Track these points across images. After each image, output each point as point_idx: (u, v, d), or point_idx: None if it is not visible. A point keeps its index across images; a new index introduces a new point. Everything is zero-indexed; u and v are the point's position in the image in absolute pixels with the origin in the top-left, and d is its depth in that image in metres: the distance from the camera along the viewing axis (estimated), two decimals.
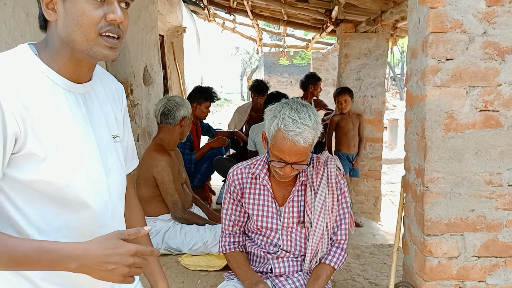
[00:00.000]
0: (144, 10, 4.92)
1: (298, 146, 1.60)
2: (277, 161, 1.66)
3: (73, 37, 1.01)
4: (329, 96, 12.03)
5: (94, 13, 1.00)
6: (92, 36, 1.01)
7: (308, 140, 1.61)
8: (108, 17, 1.01)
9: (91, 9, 1.00)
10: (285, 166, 1.66)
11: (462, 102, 1.70)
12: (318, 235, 1.78)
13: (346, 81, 4.99)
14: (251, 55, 35.58)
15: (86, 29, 1.00)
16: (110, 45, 1.03)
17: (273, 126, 1.64)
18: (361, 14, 4.67)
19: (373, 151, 5.09)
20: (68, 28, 1.01)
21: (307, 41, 8.29)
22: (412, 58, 1.89)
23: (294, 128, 1.58)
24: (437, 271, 1.76)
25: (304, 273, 1.85)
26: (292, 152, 1.62)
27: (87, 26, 1.00)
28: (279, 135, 1.62)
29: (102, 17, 1.01)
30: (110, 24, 1.02)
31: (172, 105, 2.95)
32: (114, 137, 1.20)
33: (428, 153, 1.71)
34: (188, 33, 7.68)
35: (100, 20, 1.01)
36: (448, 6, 1.66)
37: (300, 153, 1.63)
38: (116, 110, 1.24)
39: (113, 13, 1.01)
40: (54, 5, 1.02)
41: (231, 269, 1.90)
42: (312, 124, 1.62)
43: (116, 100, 1.25)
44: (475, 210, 1.74)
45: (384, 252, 3.10)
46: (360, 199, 5.12)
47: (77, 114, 1.07)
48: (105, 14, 1.01)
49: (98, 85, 1.19)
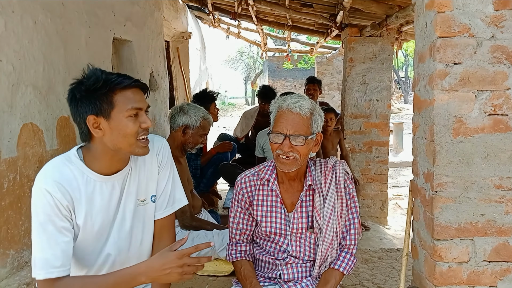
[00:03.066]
0: (150, 16, 4.95)
1: (294, 113, 1.67)
2: (276, 133, 1.70)
3: (119, 146, 1.42)
4: (334, 100, 12.05)
5: (134, 126, 1.41)
6: (133, 141, 1.42)
7: (304, 109, 1.69)
8: (143, 126, 1.43)
9: (131, 124, 1.40)
10: (283, 143, 1.68)
11: (471, 106, 1.70)
12: (328, 240, 1.77)
13: (351, 85, 4.99)
14: (255, 60, 35.65)
15: (129, 138, 1.41)
16: (145, 145, 1.46)
17: (275, 109, 1.76)
18: (366, 18, 4.68)
19: (379, 155, 5.08)
20: (114, 140, 1.41)
21: (312, 45, 8.30)
22: (419, 62, 1.89)
23: (291, 99, 1.71)
24: (447, 276, 1.75)
25: (312, 279, 1.84)
26: (288, 121, 1.68)
27: (130, 136, 1.41)
28: (278, 113, 1.73)
29: (138, 127, 1.42)
30: (143, 130, 1.44)
31: (175, 110, 2.91)
32: (141, 202, 1.58)
33: (437, 157, 1.71)
34: (193, 39, 7.70)
35: (137, 129, 1.42)
36: (456, 10, 1.66)
37: (297, 123, 1.68)
38: (154, 170, 1.61)
39: (145, 123, 1.43)
40: (98, 125, 1.40)
41: (237, 278, 1.89)
42: (311, 102, 1.74)
43: (154, 161, 1.61)
44: (485, 215, 1.73)
45: (392, 257, 3.09)
46: (366, 203, 5.11)
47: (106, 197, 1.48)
48: (140, 124, 1.42)
49: (140, 161, 1.57)
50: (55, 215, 1.37)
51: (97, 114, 1.39)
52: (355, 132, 5.08)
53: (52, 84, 2.93)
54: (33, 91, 2.72)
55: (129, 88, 1.42)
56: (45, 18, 2.87)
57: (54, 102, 2.95)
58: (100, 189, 1.47)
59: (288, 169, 1.73)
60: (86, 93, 1.40)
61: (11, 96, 2.51)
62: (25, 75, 2.65)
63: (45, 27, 2.87)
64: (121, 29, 4.17)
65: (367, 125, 5.02)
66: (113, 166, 1.49)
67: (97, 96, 1.39)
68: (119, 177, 1.51)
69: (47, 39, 2.87)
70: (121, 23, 4.18)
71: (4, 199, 2.43)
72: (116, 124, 1.39)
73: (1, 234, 2.40)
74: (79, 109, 1.41)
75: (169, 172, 1.66)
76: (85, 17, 3.46)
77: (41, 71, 2.81)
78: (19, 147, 2.56)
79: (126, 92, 1.41)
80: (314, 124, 1.73)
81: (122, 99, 1.40)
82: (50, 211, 1.37)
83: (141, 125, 1.42)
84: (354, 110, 5.04)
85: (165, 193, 1.65)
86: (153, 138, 1.63)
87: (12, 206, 2.49)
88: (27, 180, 2.63)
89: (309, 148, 1.74)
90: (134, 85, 1.43)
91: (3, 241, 2.41)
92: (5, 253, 2.43)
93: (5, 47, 2.48)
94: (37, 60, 2.77)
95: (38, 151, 2.74)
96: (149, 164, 1.59)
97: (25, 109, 2.63)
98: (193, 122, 2.91)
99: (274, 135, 1.71)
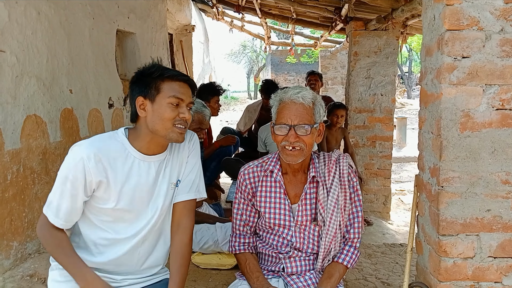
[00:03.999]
0: (154, 9, 4.92)
1: (298, 104, 1.69)
2: (280, 125, 1.70)
3: (156, 128, 1.56)
4: (337, 94, 11.99)
5: (172, 113, 1.55)
6: (169, 126, 1.56)
7: (307, 99, 1.71)
8: (181, 116, 1.57)
9: (169, 110, 1.55)
10: (288, 133, 1.69)
11: (479, 101, 1.68)
12: (331, 233, 1.77)
13: (356, 79, 4.96)
14: (258, 54, 35.54)
15: (166, 123, 1.56)
16: (180, 131, 1.59)
17: (276, 102, 1.77)
18: (371, 12, 4.64)
19: (383, 150, 5.06)
20: (153, 122, 1.56)
21: (315, 39, 8.25)
22: (427, 56, 1.87)
23: (292, 90, 1.73)
24: (452, 271, 1.74)
25: (316, 272, 1.83)
26: (292, 111, 1.69)
27: (167, 120, 1.55)
28: (280, 105, 1.74)
29: (176, 115, 1.56)
30: (181, 120, 1.58)
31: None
32: (172, 186, 1.70)
33: (443, 152, 1.69)
34: (197, 32, 7.67)
35: (175, 117, 1.56)
36: (465, 3, 1.64)
37: (301, 114, 1.69)
38: (185, 157, 1.74)
39: (184, 114, 1.58)
40: (144, 106, 1.57)
41: (241, 272, 1.89)
42: (312, 92, 1.75)
43: (186, 148, 1.75)
44: (491, 210, 1.72)
45: (396, 252, 3.08)
46: (369, 198, 5.10)
47: (143, 175, 1.62)
48: (178, 113, 1.57)
49: (176, 147, 1.72)
50: (74, 179, 1.50)
51: (145, 96, 1.56)
52: (359, 127, 5.06)
53: (55, 75, 2.92)
54: (36, 83, 2.71)
55: (177, 80, 1.58)
56: (49, 9, 2.85)
57: (57, 94, 2.94)
58: (138, 166, 1.61)
59: (294, 160, 1.73)
60: (142, 76, 1.58)
61: (15, 88, 2.51)
62: (29, 66, 2.64)
63: (49, 18, 2.85)
64: (124, 21, 4.16)
65: (371, 120, 5.00)
66: (150, 149, 1.62)
67: (148, 80, 1.56)
68: (156, 160, 1.65)
69: (50, 30, 2.85)
70: (124, 15, 4.16)
71: (8, 190, 2.43)
72: (157, 108, 1.55)
73: (5, 226, 2.40)
74: (133, 91, 1.60)
75: (196, 161, 1.78)
76: (89, 9, 3.44)
77: (44, 62, 2.80)
78: (23, 138, 2.56)
79: (173, 83, 1.57)
80: (316, 113, 1.74)
81: (168, 87, 1.56)
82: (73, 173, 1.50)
83: (179, 115, 1.57)
84: (358, 105, 5.02)
85: (189, 178, 1.75)
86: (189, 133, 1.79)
87: (16, 198, 2.49)
88: (31, 172, 2.63)
89: (313, 138, 1.75)
90: (182, 79, 1.59)
91: (6, 233, 2.41)
92: (8, 245, 2.43)
93: (9, 38, 2.47)
94: (40, 52, 2.76)
95: (41, 143, 2.73)
96: (182, 151, 1.74)
97: (28, 100, 2.63)
98: (193, 117, 2.90)
99: (278, 126, 1.71)
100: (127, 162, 1.59)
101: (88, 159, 1.50)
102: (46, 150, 2.77)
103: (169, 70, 1.60)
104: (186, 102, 1.59)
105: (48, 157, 2.78)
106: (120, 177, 1.57)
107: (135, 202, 1.62)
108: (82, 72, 3.28)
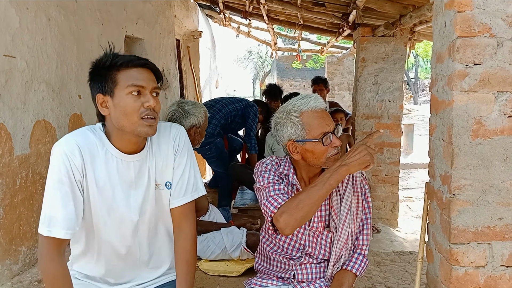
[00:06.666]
0: (162, 15, 4.95)
1: (324, 110, 1.69)
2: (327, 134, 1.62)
3: (122, 124, 1.42)
4: (344, 100, 11.98)
5: (134, 104, 1.40)
6: (135, 120, 1.40)
7: (324, 104, 1.70)
8: (145, 105, 1.41)
9: (131, 101, 1.39)
10: (332, 140, 1.64)
11: (490, 108, 1.66)
12: (343, 240, 1.76)
13: (363, 85, 4.95)
14: (263, 59, 35.60)
15: (131, 116, 1.40)
16: (149, 123, 1.42)
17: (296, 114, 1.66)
18: (379, 18, 4.63)
19: (390, 156, 5.03)
20: (118, 118, 1.42)
21: (322, 45, 8.25)
22: (437, 62, 1.85)
23: (309, 99, 1.67)
24: (463, 280, 1.72)
25: (326, 280, 1.82)
26: (325, 118, 1.66)
27: (131, 114, 1.40)
28: (307, 116, 1.65)
29: (140, 106, 1.40)
30: (147, 109, 1.41)
31: (180, 113, 2.79)
32: (157, 187, 1.58)
33: (455, 159, 1.68)
34: (204, 38, 7.70)
35: (139, 108, 1.40)
36: (476, 10, 1.63)
37: (330, 119, 1.69)
38: (170, 157, 1.60)
39: (148, 102, 1.41)
40: (106, 104, 1.42)
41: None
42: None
43: (171, 148, 1.60)
44: (503, 219, 1.69)
45: (405, 260, 3.05)
46: (377, 204, 5.06)
47: (123, 175, 1.50)
48: (142, 103, 1.40)
49: (156, 146, 1.58)
50: (68, 179, 1.40)
51: (104, 93, 1.42)
52: (366, 133, 5.03)
53: (64, 81, 2.94)
54: (46, 88, 2.73)
55: (134, 67, 1.42)
56: (59, 15, 2.87)
57: (66, 99, 2.96)
58: (116, 165, 1.49)
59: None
60: (95, 71, 1.44)
61: (25, 93, 2.52)
62: (38, 72, 2.66)
63: (59, 24, 2.87)
64: (133, 27, 4.18)
65: (379, 126, 4.98)
66: (125, 147, 1.50)
67: (102, 74, 1.42)
68: (135, 159, 1.53)
69: (60, 36, 2.87)
70: (133, 21, 4.19)
71: (17, 195, 2.43)
72: (118, 101, 1.40)
73: (14, 231, 2.41)
74: (92, 89, 1.46)
75: (186, 159, 1.64)
76: (98, 15, 3.47)
77: (54, 68, 2.81)
78: (32, 144, 2.57)
79: (130, 70, 1.41)
80: None
81: (124, 77, 1.40)
82: (65, 173, 1.40)
83: (143, 104, 1.41)
84: (365, 111, 5.00)
85: (182, 180, 1.63)
86: (170, 126, 1.64)
87: (24, 203, 2.50)
88: (39, 177, 2.63)
89: None
90: (139, 63, 1.43)
91: (15, 238, 2.42)
92: (17, 250, 2.44)
93: (19, 44, 2.49)
94: (50, 57, 2.77)
95: (50, 148, 2.73)
96: (165, 150, 1.60)
97: (38, 106, 2.64)
98: (200, 120, 2.85)
99: (329, 135, 1.63)
100: (107, 159, 1.48)
101: (72, 153, 1.41)
102: None
103: (123, 56, 1.43)
104: (149, 88, 1.43)
105: None
106: (100, 172, 1.47)
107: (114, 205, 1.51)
108: None
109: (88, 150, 1.44)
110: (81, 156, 1.42)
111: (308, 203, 1.56)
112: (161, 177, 1.60)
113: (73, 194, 1.42)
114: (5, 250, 2.34)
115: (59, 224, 1.39)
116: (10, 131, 2.37)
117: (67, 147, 1.42)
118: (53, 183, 1.41)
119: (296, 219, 1.57)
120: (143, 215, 1.58)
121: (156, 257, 1.70)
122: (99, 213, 1.50)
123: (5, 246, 2.33)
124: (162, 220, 1.66)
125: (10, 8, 2.39)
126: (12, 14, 2.41)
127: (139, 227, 1.59)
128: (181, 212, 1.65)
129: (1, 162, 2.30)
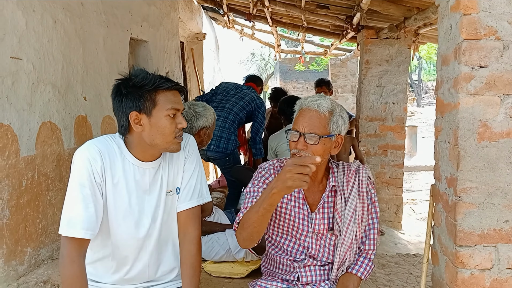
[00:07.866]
0: (166, 17, 4.97)
1: (312, 111, 1.64)
2: (292, 131, 1.66)
3: (156, 142, 1.53)
4: (347, 103, 11.97)
5: (171, 126, 1.52)
6: (170, 139, 1.54)
7: (323, 107, 1.65)
8: (179, 126, 1.54)
9: (169, 124, 1.51)
10: (298, 140, 1.64)
11: (496, 111, 1.66)
12: (347, 243, 1.75)
13: (367, 87, 4.95)
14: (266, 61, 35.62)
15: (167, 136, 1.52)
16: (179, 141, 1.58)
17: (297, 108, 1.72)
18: (383, 20, 4.64)
19: (394, 159, 5.03)
20: (152, 136, 1.52)
21: (326, 47, 8.26)
22: (443, 65, 1.86)
23: (311, 98, 1.69)
24: (469, 283, 1.72)
25: (330, 282, 1.82)
26: (305, 119, 1.64)
27: (168, 135, 1.52)
28: (299, 111, 1.70)
29: (175, 127, 1.53)
30: (179, 130, 1.55)
31: (192, 114, 2.79)
32: (168, 193, 1.66)
33: (461, 162, 1.68)
34: (208, 40, 7.72)
35: (175, 129, 1.53)
36: (482, 12, 1.63)
37: (313, 122, 1.63)
38: (181, 163, 1.69)
39: (181, 123, 1.54)
40: (139, 121, 1.50)
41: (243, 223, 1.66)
42: (332, 102, 1.69)
43: (182, 154, 1.69)
44: (509, 221, 1.69)
45: (410, 262, 3.04)
46: (381, 207, 5.06)
47: (139, 181, 1.59)
48: (176, 124, 1.53)
49: (169, 154, 1.66)
50: (90, 182, 1.48)
51: (140, 111, 1.49)
52: (370, 135, 5.04)
53: (70, 83, 2.95)
54: (52, 90, 2.74)
55: (170, 89, 1.53)
56: (65, 17, 2.89)
57: (72, 101, 2.97)
58: (133, 172, 1.57)
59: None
60: (133, 89, 1.49)
61: (31, 95, 2.54)
62: (45, 74, 2.67)
63: (65, 27, 2.89)
64: (138, 29, 4.20)
65: (383, 128, 4.98)
66: (144, 157, 1.59)
67: (142, 93, 1.49)
68: (151, 166, 1.61)
69: (66, 38, 2.89)
70: (138, 23, 4.20)
71: (23, 197, 2.44)
72: (156, 122, 1.50)
73: (19, 232, 2.42)
74: (123, 104, 1.51)
75: (195, 166, 1.72)
76: (104, 17, 3.48)
77: (60, 70, 2.83)
78: (38, 145, 2.58)
79: (168, 93, 1.52)
80: (333, 124, 1.67)
81: (163, 99, 1.51)
82: (87, 176, 1.47)
83: (177, 125, 1.54)
84: (369, 113, 5.00)
85: (190, 185, 1.70)
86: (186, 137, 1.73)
87: (30, 204, 2.51)
88: (45, 178, 2.65)
89: (326, 148, 1.67)
90: (174, 87, 1.54)
91: (21, 239, 2.43)
92: (22, 251, 2.45)
93: (26, 46, 2.50)
94: (56, 59, 2.79)
95: (56, 150, 2.76)
96: (177, 157, 1.69)
97: (44, 107, 2.65)
98: (209, 122, 2.85)
99: (291, 133, 1.69)
100: (124, 166, 1.56)
101: (93, 158, 1.49)
102: (61, 157, 2.80)
103: (161, 79, 1.52)
104: (181, 110, 1.57)
105: (62, 164, 2.80)
106: (118, 178, 1.55)
107: (130, 209, 1.58)
108: (96, 80, 3.31)
109: (108, 156, 1.53)
110: (101, 161, 1.50)
111: (250, 224, 1.57)
112: (173, 183, 1.68)
113: (94, 196, 1.48)
114: (11, 251, 2.34)
115: (79, 224, 1.44)
116: (17, 133, 2.38)
117: (89, 152, 1.50)
118: (75, 186, 1.47)
119: (243, 238, 1.63)
120: (155, 221, 1.64)
121: (163, 266, 1.73)
122: (114, 217, 1.57)
123: (11, 247, 2.34)
124: (170, 227, 1.71)
125: (17, 11, 2.41)
126: (19, 16, 2.42)
127: (151, 233, 1.64)
128: (187, 216, 1.69)
129: (8, 164, 2.32)
